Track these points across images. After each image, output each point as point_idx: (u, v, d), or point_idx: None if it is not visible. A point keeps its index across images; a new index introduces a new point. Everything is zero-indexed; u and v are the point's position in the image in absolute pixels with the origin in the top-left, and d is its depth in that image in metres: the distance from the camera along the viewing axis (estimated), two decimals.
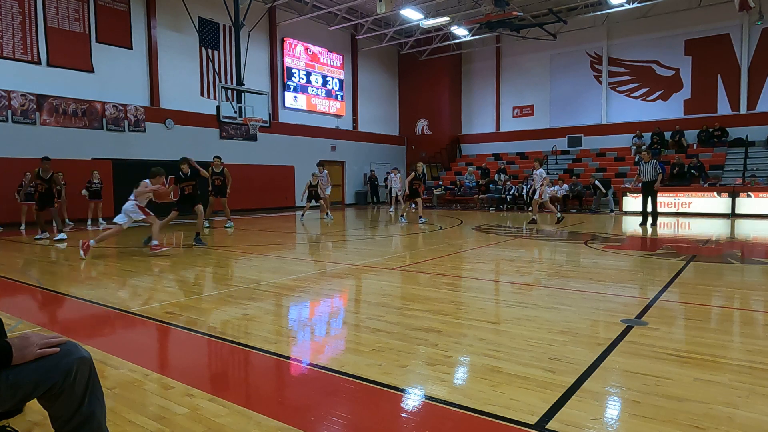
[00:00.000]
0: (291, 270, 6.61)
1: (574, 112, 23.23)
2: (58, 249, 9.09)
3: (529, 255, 8.00)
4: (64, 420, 1.72)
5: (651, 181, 12.22)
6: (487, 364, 3.01)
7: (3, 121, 13.24)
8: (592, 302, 4.61)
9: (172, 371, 3.07)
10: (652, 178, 12.21)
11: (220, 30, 18.28)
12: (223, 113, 13.91)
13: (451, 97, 26.14)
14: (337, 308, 4.72)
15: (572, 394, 2.57)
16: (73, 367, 1.68)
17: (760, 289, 5.21)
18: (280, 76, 21.01)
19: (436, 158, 26.14)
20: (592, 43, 22.47)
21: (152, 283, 5.89)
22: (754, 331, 3.78)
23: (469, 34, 22.63)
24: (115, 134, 15.52)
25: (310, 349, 3.52)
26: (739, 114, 19.60)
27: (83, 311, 4.58)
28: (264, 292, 5.16)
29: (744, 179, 16.55)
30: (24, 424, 2.29)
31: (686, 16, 20.14)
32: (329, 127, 23.32)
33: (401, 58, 27.00)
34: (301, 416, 2.38)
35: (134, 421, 2.34)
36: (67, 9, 14.53)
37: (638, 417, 2.33)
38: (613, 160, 21.01)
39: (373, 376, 2.85)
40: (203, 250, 8.58)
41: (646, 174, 12.29)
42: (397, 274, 6.19)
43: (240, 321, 4.09)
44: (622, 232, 11.57)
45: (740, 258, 7.42)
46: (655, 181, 12.16)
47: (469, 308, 4.46)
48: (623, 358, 3.09)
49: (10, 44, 13.49)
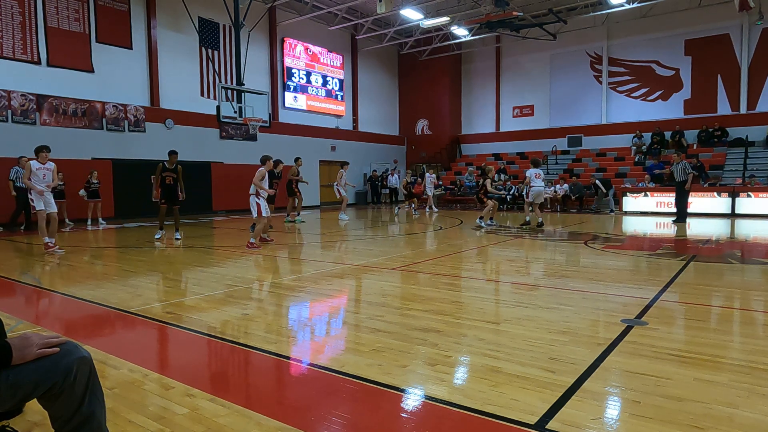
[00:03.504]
0: (291, 270, 6.62)
1: (574, 112, 23.23)
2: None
3: (529, 255, 8.00)
4: (64, 420, 1.72)
5: (682, 181, 12.49)
6: (487, 364, 3.01)
7: (3, 121, 13.23)
8: (592, 302, 4.61)
9: (172, 371, 3.07)
10: (683, 178, 12.48)
11: (220, 30, 18.28)
12: (223, 113, 13.90)
13: (451, 97, 26.14)
14: (337, 308, 4.72)
15: (572, 394, 2.57)
16: (73, 367, 1.68)
17: (760, 289, 5.21)
18: (280, 76, 21.01)
19: (436, 158, 26.14)
20: (592, 43, 22.47)
21: (152, 283, 5.89)
22: (754, 331, 3.78)
23: (469, 34, 22.63)
24: (115, 134, 15.51)
25: (310, 349, 3.52)
26: (739, 114, 19.60)
27: (83, 311, 4.58)
28: (264, 292, 5.16)
29: (744, 179, 16.55)
30: (24, 424, 2.29)
31: (686, 16, 20.14)
32: (329, 127, 23.31)
33: (401, 58, 27.00)
34: (301, 416, 2.38)
35: (134, 421, 2.34)
36: (67, 9, 14.53)
37: (638, 417, 2.33)
38: (613, 160, 21.02)
39: (373, 376, 2.85)
40: (204, 251, 8.58)
41: (677, 174, 12.64)
42: (397, 274, 6.20)
43: (240, 321, 4.09)
44: (622, 232, 11.57)
45: (740, 258, 7.42)
46: (685, 181, 12.43)
47: (469, 308, 4.46)
48: (623, 358, 3.10)
49: (10, 44, 13.49)
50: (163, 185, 9.83)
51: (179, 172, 9.93)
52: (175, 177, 9.85)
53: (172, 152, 9.96)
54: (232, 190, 18.15)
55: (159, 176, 9.81)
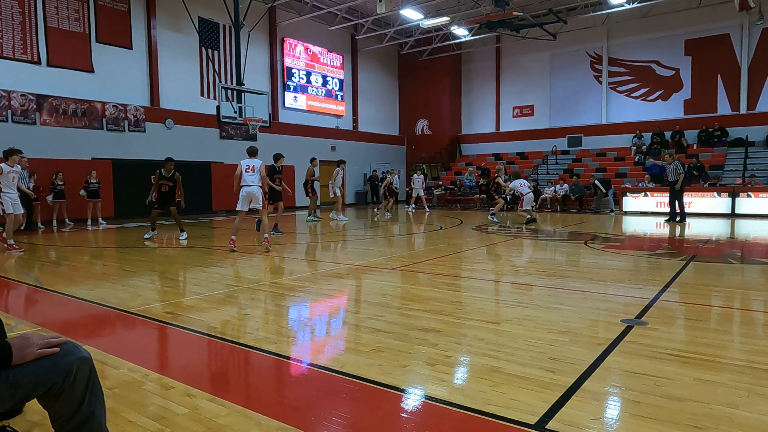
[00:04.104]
0: (291, 270, 6.62)
1: (574, 112, 23.23)
2: (57, 249, 9.09)
3: (529, 255, 8.00)
4: (64, 420, 1.72)
5: (674, 181, 12.79)
6: (487, 364, 3.01)
7: (3, 121, 13.23)
8: (592, 302, 4.61)
9: (172, 371, 3.07)
10: (674, 178, 12.79)
11: (220, 30, 18.28)
12: (223, 113, 13.90)
13: (451, 97, 26.14)
14: (337, 308, 4.72)
15: (572, 394, 2.57)
16: (73, 367, 1.68)
17: (760, 289, 5.21)
18: (280, 76, 21.00)
19: (436, 158, 26.14)
20: (592, 43, 22.47)
21: (152, 283, 5.89)
22: (754, 331, 3.78)
23: (469, 34, 22.63)
24: (115, 134, 15.51)
25: (310, 349, 3.52)
26: (739, 114, 19.60)
27: (83, 311, 4.58)
28: (264, 292, 5.16)
29: (744, 179, 16.55)
30: (24, 424, 2.29)
31: (686, 16, 20.14)
32: (329, 127, 23.31)
33: (401, 58, 27.00)
34: (301, 416, 2.38)
35: (134, 421, 2.34)
36: (67, 9, 14.53)
37: (638, 417, 2.33)
38: (613, 160, 21.01)
39: (373, 376, 2.85)
40: (203, 251, 8.58)
41: (670, 174, 12.97)
42: (397, 274, 6.20)
43: (240, 321, 4.09)
44: (622, 232, 11.57)
45: (740, 258, 7.42)
46: (677, 181, 12.72)
47: (469, 308, 4.46)
48: (623, 358, 3.09)
49: (10, 44, 13.49)
50: (158, 192, 9.82)
51: (177, 180, 9.82)
52: (172, 185, 9.80)
53: (168, 159, 9.86)
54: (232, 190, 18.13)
55: (157, 185, 9.79)
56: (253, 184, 8.29)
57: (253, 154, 8.51)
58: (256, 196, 8.31)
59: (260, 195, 8.40)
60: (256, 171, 8.32)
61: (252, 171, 8.30)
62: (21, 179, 11.67)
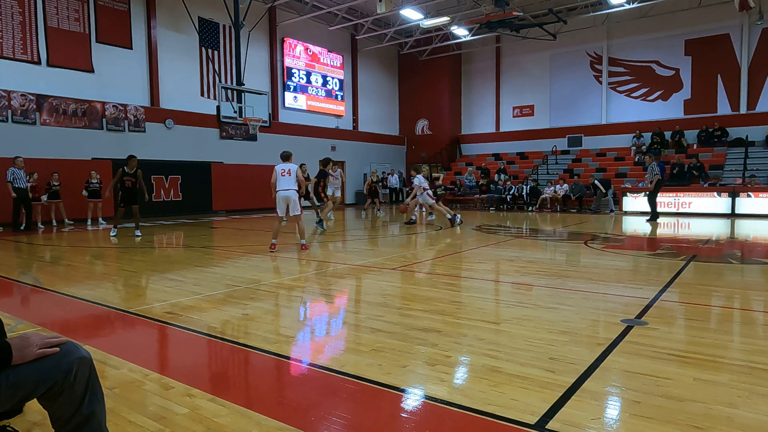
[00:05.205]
0: (291, 270, 6.62)
1: (574, 112, 23.22)
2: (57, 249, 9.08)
3: (529, 255, 8.00)
4: (64, 420, 1.72)
5: (651, 181, 13.48)
6: (487, 364, 3.01)
7: (3, 121, 13.23)
8: (592, 302, 4.61)
9: (172, 371, 3.07)
10: (650, 179, 13.51)
11: (220, 30, 18.28)
12: (223, 113, 13.91)
13: (451, 97, 26.14)
14: (337, 308, 4.72)
15: (572, 394, 2.57)
16: (73, 367, 1.68)
17: (760, 289, 5.21)
18: (280, 76, 21.01)
19: (436, 158, 26.12)
20: (592, 43, 22.47)
21: (152, 283, 5.89)
22: (754, 331, 3.78)
23: (469, 34, 22.63)
24: (115, 134, 15.52)
25: (310, 349, 3.52)
26: (739, 114, 19.60)
27: (83, 311, 4.58)
28: (264, 292, 5.16)
29: (744, 179, 16.55)
30: (24, 424, 2.29)
31: (686, 16, 20.14)
32: (329, 127, 23.31)
33: (401, 58, 27.00)
34: (301, 416, 2.38)
35: (134, 421, 2.34)
36: (67, 9, 14.53)
37: (638, 417, 2.33)
38: (613, 160, 21.01)
39: (373, 376, 2.85)
40: (203, 251, 8.58)
41: (648, 175, 13.72)
42: (397, 274, 6.19)
43: (240, 321, 4.09)
44: (622, 232, 11.57)
45: (740, 258, 7.42)
46: (651, 182, 13.41)
47: (469, 308, 4.46)
48: (623, 358, 3.09)
49: (10, 44, 13.49)
50: (123, 188, 10.32)
51: (138, 176, 10.42)
52: (134, 181, 10.34)
53: (131, 156, 10.53)
54: (232, 190, 18.17)
55: (119, 180, 10.29)
56: (289, 188, 8.21)
57: (287, 159, 8.44)
58: (293, 200, 8.22)
59: (296, 199, 8.31)
60: (292, 174, 8.25)
61: (288, 174, 8.23)
62: (18, 179, 11.73)
